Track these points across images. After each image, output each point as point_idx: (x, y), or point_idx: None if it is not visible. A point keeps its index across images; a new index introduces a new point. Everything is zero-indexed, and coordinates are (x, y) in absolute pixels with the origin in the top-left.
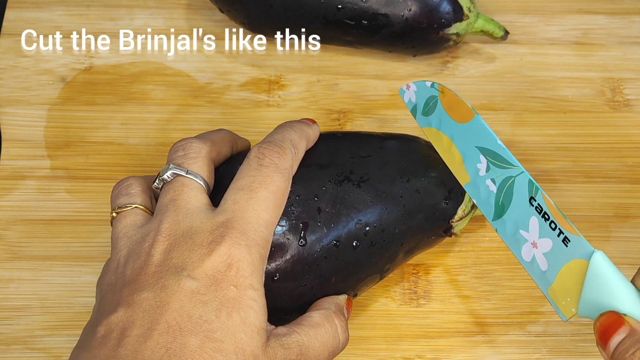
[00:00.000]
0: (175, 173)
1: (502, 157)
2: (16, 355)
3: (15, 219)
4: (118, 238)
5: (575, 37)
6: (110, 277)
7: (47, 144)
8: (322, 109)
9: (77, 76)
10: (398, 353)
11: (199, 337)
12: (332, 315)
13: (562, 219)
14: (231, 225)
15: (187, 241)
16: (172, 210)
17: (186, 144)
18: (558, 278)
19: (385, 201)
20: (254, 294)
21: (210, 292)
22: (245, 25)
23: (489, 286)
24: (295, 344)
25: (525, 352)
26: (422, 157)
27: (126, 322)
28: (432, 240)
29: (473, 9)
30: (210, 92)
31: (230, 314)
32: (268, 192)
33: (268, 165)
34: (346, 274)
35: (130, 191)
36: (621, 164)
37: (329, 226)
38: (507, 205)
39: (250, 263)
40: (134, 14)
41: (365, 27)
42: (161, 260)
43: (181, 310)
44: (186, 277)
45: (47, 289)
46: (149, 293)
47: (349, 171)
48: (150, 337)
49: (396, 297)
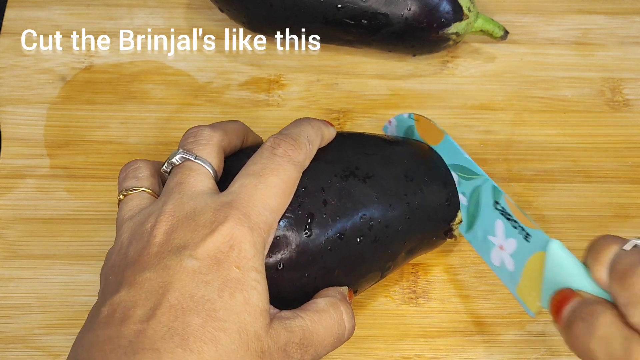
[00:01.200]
0: (184, 157)
1: (469, 170)
2: (15, 353)
3: (14, 218)
4: (123, 221)
5: (575, 37)
6: (114, 259)
7: (46, 142)
8: (322, 109)
9: (77, 75)
10: (397, 352)
11: (201, 316)
12: (337, 302)
13: (522, 216)
14: (235, 206)
15: (189, 222)
16: (177, 193)
17: (198, 131)
18: (523, 275)
19: (389, 198)
20: (257, 276)
21: (212, 272)
22: (245, 25)
23: (488, 286)
24: (299, 328)
25: (524, 352)
26: (424, 158)
27: (129, 302)
28: (433, 242)
29: (473, 9)
30: (210, 92)
31: (233, 294)
32: (278, 179)
33: (282, 155)
34: (349, 267)
35: (138, 174)
36: (621, 163)
37: (335, 218)
38: (477, 214)
39: (252, 245)
40: (134, 14)
41: (365, 26)
42: (163, 240)
43: (183, 289)
44: (188, 257)
45: (46, 288)
46: (152, 273)
47: (354, 167)
48: (153, 317)
49: (395, 297)
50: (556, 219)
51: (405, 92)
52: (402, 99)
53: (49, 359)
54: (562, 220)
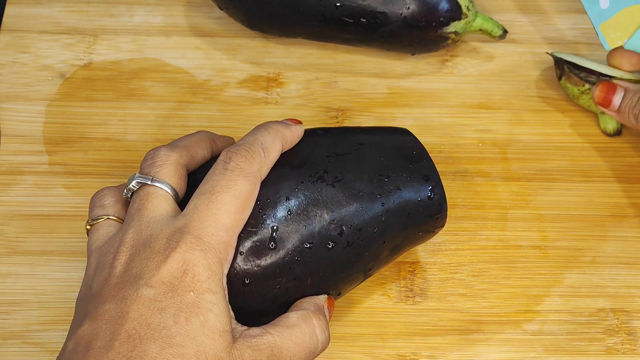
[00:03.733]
0: (140, 182)
1: None
2: (13, 349)
3: (13, 214)
4: (91, 252)
5: (574, 36)
6: (82, 292)
7: (45, 139)
8: (321, 107)
9: (76, 72)
10: (394, 350)
11: (157, 343)
12: (309, 316)
13: None
14: (187, 231)
15: (145, 250)
16: (137, 220)
17: (154, 153)
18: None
19: (361, 200)
20: (213, 297)
21: (168, 299)
22: (244, 23)
23: (485, 284)
24: (266, 345)
25: (521, 351)
26: (405, 152)
27: (90, 334)
28: (419, 237)
29: (472, 8)
30: (209, 89)
31: (189, 318)
32: (230, 195)
33: (233, 169)
34: (323, 275)
35: (103, 202)
36: (619, 163)
37: (300, 228)
38: None
39: (206, 267)
40: (134, 11)
41: (363, 25)
42: (122, 271)
43: (140, 318)
44: (143, 286)
45: (44, 284)
46: (111, 305)
47: (323, 171)
48: (112, 348)
49: (392, 295)
50: (554, 218)
51: (404, 91)
52: (401, 97)
53: (47, 354)
54: (560, 219)
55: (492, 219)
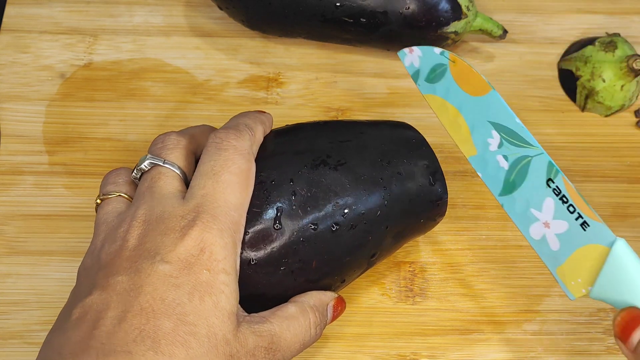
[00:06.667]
0: (153, 162)
1: (519, 136)
2: (13, 349)
3: (13, 214)
4: (99, 224)
5: (574, 36)
6: (87, 261)
7: (45, 139)
8: (321, 107)
9: (76, 72)
10: (394, 350)
11: (172, 320)
12: (307, 310)
13: (582, 204)
14: (202, 210)
15: (159, 226)
16: (148, 197)
17: (165, 137)
18: (570, 259)
19: (364, 184)
20: (226, 278)
21: (183, 276)
22: (244, 23)
23: (485, 284)
24: (267, 333)
25: (521, 351)
26: (406, 140)
27: (101, 304)
28: (422, 224)
29: (472, 8)
30: (209, 89)
31: (202, 297)
32: (230, 174)
33: (227, 148)
34: (328, 257)
35: (117, 180)
36: (619, 163)
37: (305, 209)
38: (519, 183)
39: (222, 247)
40: (134, 11)
41: (363, 25)
42: (136, 244)
43: (154, 293)
44: (160, 261)
45: (44, 284)
46: (124, 277)
47: (326, 155)
48: (125, 319)
49: (392, 295)
50: None
51: (404, 91)
52: (401, 97)
53: None
54: None
55: (492, 219)
